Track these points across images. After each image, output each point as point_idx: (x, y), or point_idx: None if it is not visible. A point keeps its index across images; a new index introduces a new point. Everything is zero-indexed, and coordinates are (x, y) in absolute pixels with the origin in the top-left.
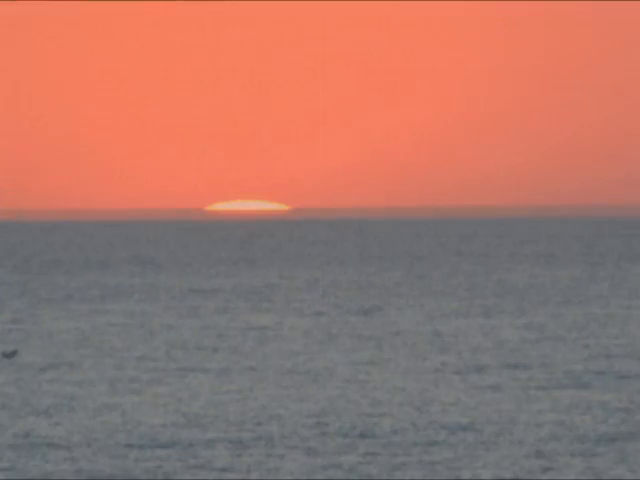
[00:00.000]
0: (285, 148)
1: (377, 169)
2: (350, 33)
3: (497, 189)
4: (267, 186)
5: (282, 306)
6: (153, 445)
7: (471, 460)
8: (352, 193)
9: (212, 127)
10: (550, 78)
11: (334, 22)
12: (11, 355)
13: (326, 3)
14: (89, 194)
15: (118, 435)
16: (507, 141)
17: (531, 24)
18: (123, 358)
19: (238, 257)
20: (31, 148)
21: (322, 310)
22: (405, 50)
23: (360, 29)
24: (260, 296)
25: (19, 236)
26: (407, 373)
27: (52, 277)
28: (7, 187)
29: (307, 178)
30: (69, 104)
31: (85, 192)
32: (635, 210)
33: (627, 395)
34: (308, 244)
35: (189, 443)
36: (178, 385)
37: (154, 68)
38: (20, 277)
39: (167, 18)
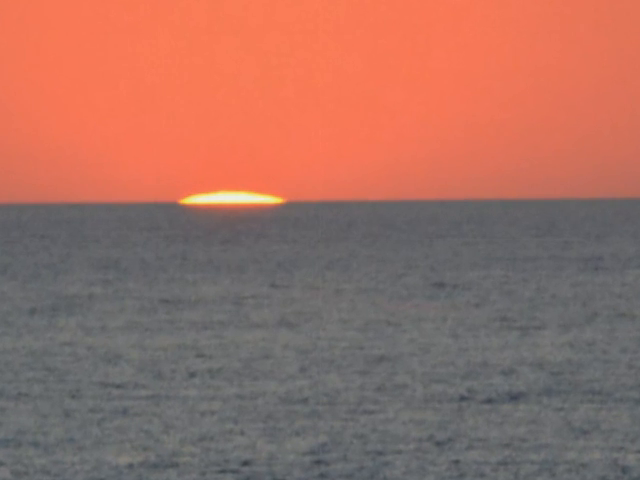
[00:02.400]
0: (278, 131)
1: (383, 157)
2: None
3: (532, 181)
4: (256, 175)
5: (274, 320)
6: None
7: None
8: (357, 185)
9: (187, 106)
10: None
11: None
12: None
13: None
14: (40, 186)
15: (75, 477)
16: (549, 126)
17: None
18: (81, 384)
19: (221, 260)
20: None
21: (323, 324)
22: (411, 34)
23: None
24: (248, 308)
25: None
26: (426, 401)
27: None
28: None
29: (304, 166)
30: (28, 93)
31: (36, 184)
32: None
33: None
34: (305, 244)
35: None
36: (148, 416)
37: (126, 49)
38: None
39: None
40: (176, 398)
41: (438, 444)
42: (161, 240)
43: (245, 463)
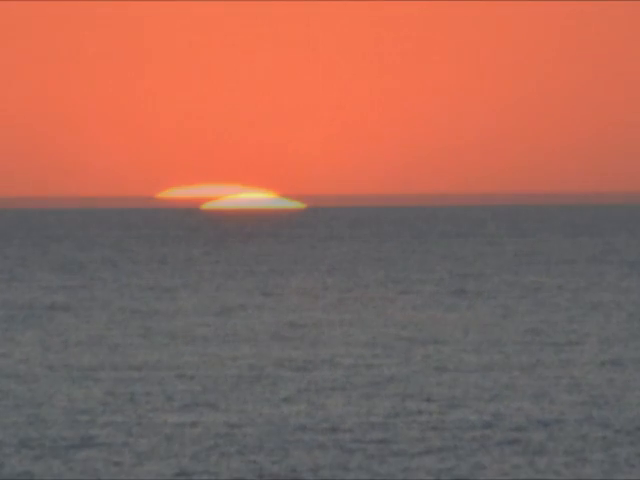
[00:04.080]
0: (271, 116)
1: (394, 146)
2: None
3: (567, 173)
4: (245, 165)
5: (267, 334)
6: None
7: None
8: (362, 177)
9: (167, 86)
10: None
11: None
12: None
13: None
14: (4, 178)
15: None
16: (587, 111)
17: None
18: (42, 409)
19: (204, 264)
20: None
21: (325, 340)
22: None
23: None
24: (236, 319)
25: None
26: (445, 430)
27: None
28: None
29: (302, 157)
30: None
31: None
32: None
33: None
34: (303, 245)
35: None
36: (118, 447)
37: (100, 27)
38: None
39: None
40: (151, 425)
41: (458, 479)
42: (134, 240)
43: None
